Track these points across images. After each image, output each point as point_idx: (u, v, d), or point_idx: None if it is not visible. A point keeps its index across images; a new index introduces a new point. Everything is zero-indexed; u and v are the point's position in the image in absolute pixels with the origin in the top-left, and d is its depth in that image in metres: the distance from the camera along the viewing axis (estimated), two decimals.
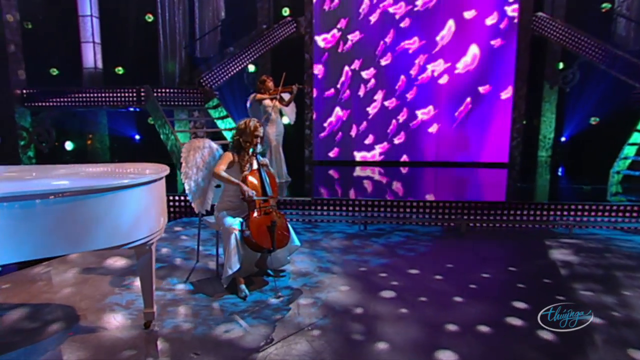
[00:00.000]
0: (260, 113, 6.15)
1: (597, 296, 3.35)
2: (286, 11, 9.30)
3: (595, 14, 8.72)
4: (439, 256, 4.29)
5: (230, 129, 7.62)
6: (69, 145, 9.09)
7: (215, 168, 3.43)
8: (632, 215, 5.17)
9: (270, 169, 3.70)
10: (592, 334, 2.80)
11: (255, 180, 3.47)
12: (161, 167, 3.00)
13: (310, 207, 5.47)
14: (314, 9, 8.63)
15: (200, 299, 3.28)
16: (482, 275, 3.75)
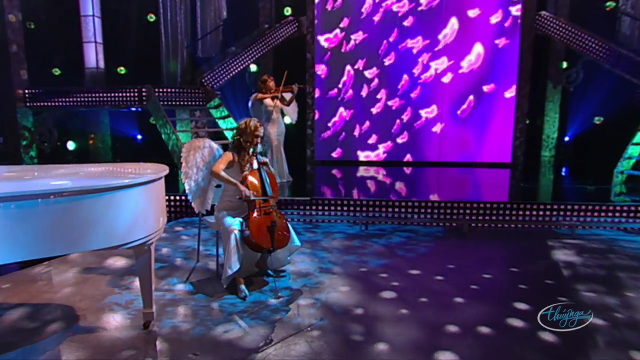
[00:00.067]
0: (262, 113, 6.14)
1: (600, 297, 3.32)
2: (288, 11, 9.28)
3: (599, 12, 8.65)
4: (441, 257, 4.27)
5: (232, 129, 7.61)
6: (71, 146, 9.12)
7: (215, 167, 3.42)
8: (637, 216, 5.13)
9: (270, 169, 3.69)
10: (595, 336, 2.78)
11: (255, 180, 3.46)
12: (161, 167, 2.99)
13: (310, 208, 5.45)
14: (316, 8, 8.61)
15: (200, 300, 3.27)
16: (484, 276, 3.73)
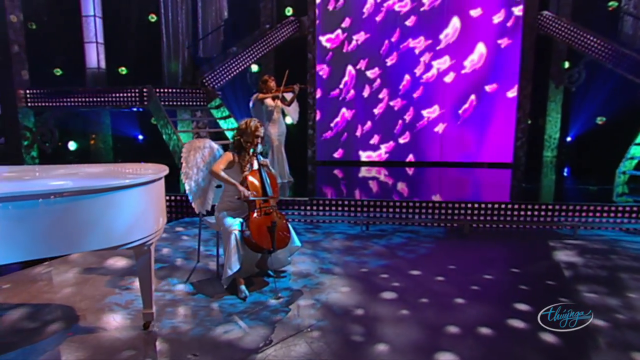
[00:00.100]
0: (262, 113, 6.14)
1: (601, 298, 3.31)
2: (289, 11, 9.27)
3: (601, 12, 8.61)
4: (441, 257, 4.26)
5: (233, 129, 7.61)
6: (72, 146, 9.12)
7: (214, 166, 3.42)
8: (639, 216, 5.10)
9: (271, 169, 3.68)
10: (596, 337, 2.76)
11: (255, 180, 3.45)
12: (160, 167, 2.99)
13: (310, 208, 5.44)
14: (317, 8, 8.60)
15: (199, 300, 3.27)
16: (485, 277, 3.71)
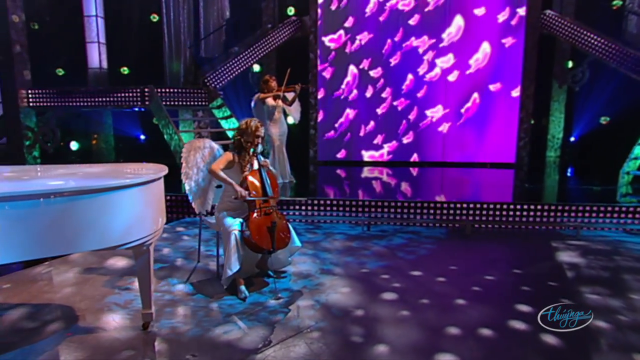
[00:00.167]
0: (264, 113, 6.13)
1: (603, 299, 3.28)
2: (291, 10, 9.26)
3: (605, 11, 8.56)
4: (443, 258, 4.23)
5: (234, 129, 7.60)
6: (74, 146, 9.14)
7: (213, 165, 3.41)
8: None
9: (272, 169, 3.67)
10: (598, 338, 2.74)
11: (255, 180, 3.44)
12: (160, 167, 2.98)
13: (312, 208, 5.42)
14: (319, 8, 8.58)
15: (199, 300, 3.26)
16: (486, 278, 3.69)
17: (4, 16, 7.33)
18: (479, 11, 8.31)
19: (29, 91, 7.68)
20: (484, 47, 8.39)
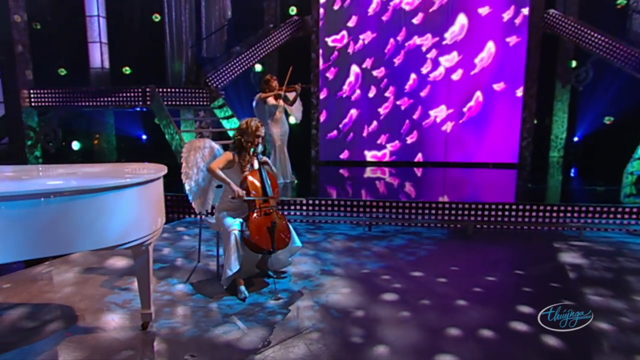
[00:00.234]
0: (265, 113, 6.12)
1: (606, 301, 3.25)
2: (293, 10, 9.25)
3: (609, 10, 8.51)
4: (444, 258, 4.21)
5: (235, 129, 7.60)
6: (75, 145, 9.16)
7: (212, 164, 3.40)
8: None
9: (272, 168, 3.66)
10: (600, 340, 2.71)
11: (255, 180, 3.43)
12: (159, 167, 2.97)
13: (312, 208, 5.41)
14: (321, 7, 8.56)
15: (198, 300, 3.25)
16: (488, 279, 3.66)
17: (6, 16, 7.35)
18: (483, 10, 8.27)
19: (31, 91, 7.69)
20: (489, 47, 8.34)
